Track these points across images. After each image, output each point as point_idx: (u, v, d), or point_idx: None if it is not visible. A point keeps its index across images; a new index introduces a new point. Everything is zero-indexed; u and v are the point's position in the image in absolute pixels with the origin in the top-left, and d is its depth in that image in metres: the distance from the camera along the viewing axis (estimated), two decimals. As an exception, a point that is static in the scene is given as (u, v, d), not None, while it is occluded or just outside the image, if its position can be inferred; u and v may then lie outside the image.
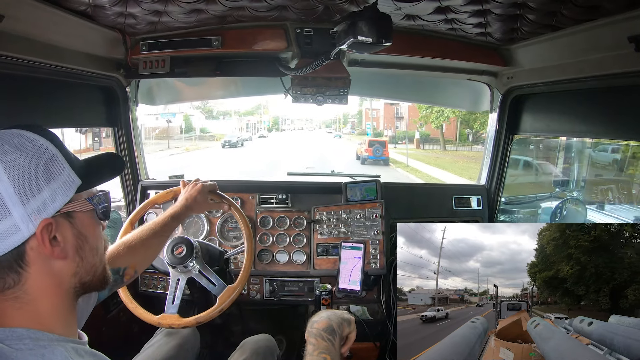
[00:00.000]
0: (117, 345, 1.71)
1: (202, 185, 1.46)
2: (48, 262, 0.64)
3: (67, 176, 0.65)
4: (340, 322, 0.95)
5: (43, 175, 0.62)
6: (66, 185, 0.65)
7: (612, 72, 1.30)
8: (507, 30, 1.49)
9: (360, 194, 1.95)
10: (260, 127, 48.44)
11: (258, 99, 46.97)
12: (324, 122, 67.96)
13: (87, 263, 0.69)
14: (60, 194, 0.64)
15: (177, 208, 1.39)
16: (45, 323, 0.63)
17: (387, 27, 1.15)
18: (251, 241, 1.52)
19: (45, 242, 0.62)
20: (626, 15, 1.11)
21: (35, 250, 0.62)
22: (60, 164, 0.65)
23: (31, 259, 0.62)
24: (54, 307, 0.65)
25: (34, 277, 0.62)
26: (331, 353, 0.87)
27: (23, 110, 1.39)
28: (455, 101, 2.61)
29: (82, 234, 0.68)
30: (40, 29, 1.24)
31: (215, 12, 1.44)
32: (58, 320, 0.66)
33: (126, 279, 1.20)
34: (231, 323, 2.10)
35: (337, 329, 0.93)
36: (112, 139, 2.00)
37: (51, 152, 0.65)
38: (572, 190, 4.05)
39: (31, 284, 0.62)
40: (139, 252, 1.24)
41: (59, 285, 0.66)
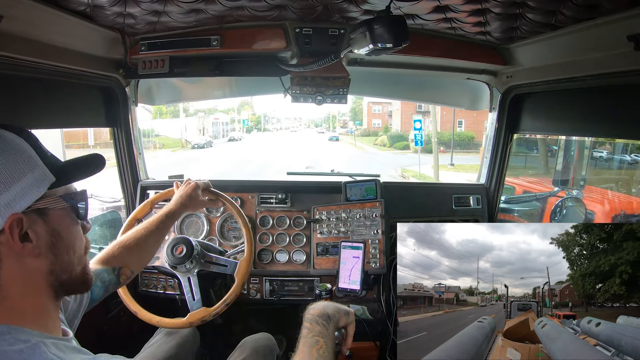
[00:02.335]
0: (118, 345, 1.71)
1: (195, 184, 1.49)
2: (20, 258, 0.64)
3: (39, 173, 0.66)
4: (336, 310, 0.97)
5: (13, 172, 0.63)
6: (38, 182, 0.65)
7: (612, 71, 1.30)
8: (506, 29, 1.49)
9: (360, 194, 1.95)
10: (233, 127, 40.14)
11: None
12: (313, 120, 60.32)
13: (61, 261, 0.69)
14: (31, 190, 0.64)
15: (171, 206, 1.41)
16: (25, 320, 0.64)
17: (403, 29, 1.18)
18: (248, 227, 1.56)
19: (14, 238, 0.62)
20: (625, 14, 1.11)
21: (5, 246, 0.62)
22: (33, 161, 0.66)
23: (2, 255, 0.62)
24: (33, 305, 0.66)
25: (7, 273, 0.63)
26: (324, 337, 0.88)
27: (22, 110, 1.39)
28: (455, 100, 2.61)
29: (56, 231, 0.68)
30: (39, 29, 1.24)
31: (214, 12, 1.44)
32: (38, 317, 0.66)
33: (122, 279, 1.20)
34: (231, 322, 2.10)
35: (332, 315, 0.94)
36: (112, 139, 1.99)
37: (23, 150, 0.66)
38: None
39: (5, 280, 0.62)
40: (134, 251, 1.24)
41: (35, 283, 0.66)
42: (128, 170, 2.01)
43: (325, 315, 0.93)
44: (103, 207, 2.20)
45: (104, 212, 2.18)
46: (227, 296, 1.47)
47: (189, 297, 1.48)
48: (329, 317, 0.93)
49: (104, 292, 1.13)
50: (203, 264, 1.52)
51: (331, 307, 0.97)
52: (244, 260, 1.51)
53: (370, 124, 39.44)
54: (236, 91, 2.44)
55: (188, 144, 27.76)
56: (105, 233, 2.14)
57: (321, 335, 0.88)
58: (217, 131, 36.07)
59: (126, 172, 2.02)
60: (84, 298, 1.03)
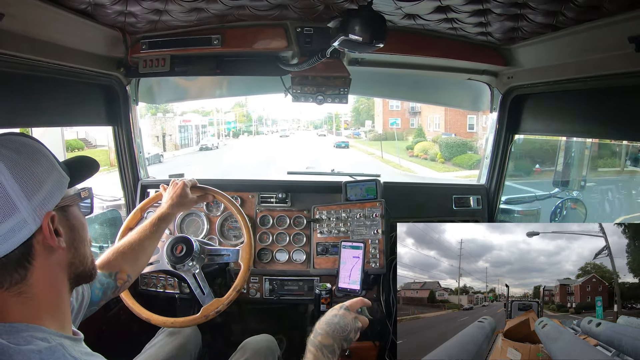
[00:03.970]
0: (118, 345, 1.71)
1: (183, 182, 1.50)
2: (50, 254, 0.68)
3: (58, 174, 0.71)
4: (343, 340, 0.98)
5: (42, 173, 0.68)
6: (59, 182, 0.70)
7: (613, 73, 1.30)
8: (507, 30, 1.49)
9: (360, 193, 1.95)
10: (205, 132, 32.24)
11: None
12: (312, 122, 52.28)
13: (80, 253, 0.74)
14: (57, 189, 0.69)
15: (163, 209, 1.42)
16: (45, 318, 0.67)
17: (380, 28, 1.13)
18: (243, 215, 1.57)
19: (51, 233, 0.66)
20: (626, 15, 1.11)
21: (41, 244, 0.66)
22: (53, 163, 0.71)
23: (37, 253, 0.66)
24: (52, 302, 0.69)
25: (38, 270, 0.66)
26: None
27: (23, 109, 1.39)
28: (456, 101, 2.61)
29: (74, 226, 0.74)
30: (40, 28, 1.24)
31: (215, 11, 1.44)
32: (55, 312, 0.69)
33: (119, 283, 1.21)
34: (231, 322, 2.10)
35: (337, 349, 0.96)
36: (112, 138, 2.00)
37: (44, 152, 0.71)
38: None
39: (36, 278, 0.66)
40: (129, 256, 1.26)
41: (57, 278, 0.70)
42: (128, 169, 2.02)
43: (331, 349, 0.95)
44: (103, 205, 2.20)
45: (104, 211, 2.18)
46: (237, 283, 1.47)
47: (198, 292, 1.48)
48: (334, 351, 0.95)
49: (102, 295, 1.14)
50: (205, 259, 1.52)
51: (339, 333, 0.98)
52: (245, 246, 1.51)
53: (386, 124, 30.05)
54: (237, 90, 2.44)
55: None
56: (105, 232, 2.14)
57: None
58: (187, 137, 28.66)
59: (127, 170, 2.02)
60: (85, 298, 1.04)
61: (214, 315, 1.44)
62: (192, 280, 1.49)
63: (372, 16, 1.12)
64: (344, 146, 26.80)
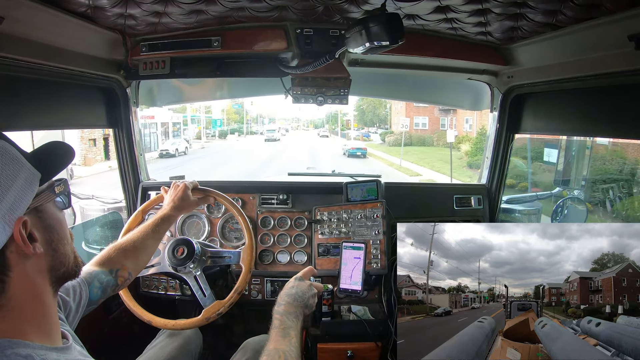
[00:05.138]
0: (119, 346, 1.71)
1: (184, 185, 1.50)
2: (27, 262, 0.62)
3: (27, 171, 0.64)
4: (304, 307, 1.06)
5: (7, 176, 0.60)
6: (29, 181, 0.63)
7: (613, 71, 1.30)
8: (507, 30, 1.49)
9: (361, 194, 1.95)
10: (173, 131, 25.69)
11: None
12: (312, 121, 48.80)
13: (60, 254, 0.68)
14: (27, 189, 0.63)
15: (166, 210, 1.42)
16: (28, 331, 0.62)
17: (398, 27, 1.15)
18: (243, 217, 1.56)
19: (24, 241, 0.61)
20: (626, 13, 1.11)
21: (14, 253, 0.61)
22: (19, 161, 0.63)
23: (12, 263, 0.61)
24: (36, 312, 0.64)
25: (16, 281, 0.61)
26: (294, 330, 0.98)
27: (24, 112, 1.39)
28: (456, 100, 2.61)
29: (51, 225, 0.67)
30: (40, 31, 1.24)
31: (215, 13, 1.44)
32: (39, 322, 0.64)
33: (120, 280, 1.20)
34: (232, 323, 2.10)
35: (300, 315, 1.04)
36: (112, 140, 2.00)
37: (8, 151, 0.63)
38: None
39: (14, 290, 0.61)
40: (130, 253, 1.25)
41: (38, 286, 0.65)
42: (129, 171, 2.02)
43: (294, 314, 1.02)
44: (104, 208, 2.21)
45: (105, 213, 2.19)
46: (238, 285, 1.46)
47: (199, 294, 1.48)
48: (297, 316, 1.03)
49: (102, 293, 1.13)
50: (206, 261, 1.52)
51: (299, 302, 1.05)
52: (246, 247, 1.51)
53: (411, 125, 24.42)
54: (237, 92, 2.44)
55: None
56: (106, 234, 2.14)
57: (291, 329, 0.98)
58: (149, 141, 21.96)
59: (127, 172, 2.02)
60: (82, 298, 1.03)
61: (215, 317, 1.44)
62: (194, 283, 1.48)
63: (389, 18, 1.15)
64: (360, 155, 20.06)
